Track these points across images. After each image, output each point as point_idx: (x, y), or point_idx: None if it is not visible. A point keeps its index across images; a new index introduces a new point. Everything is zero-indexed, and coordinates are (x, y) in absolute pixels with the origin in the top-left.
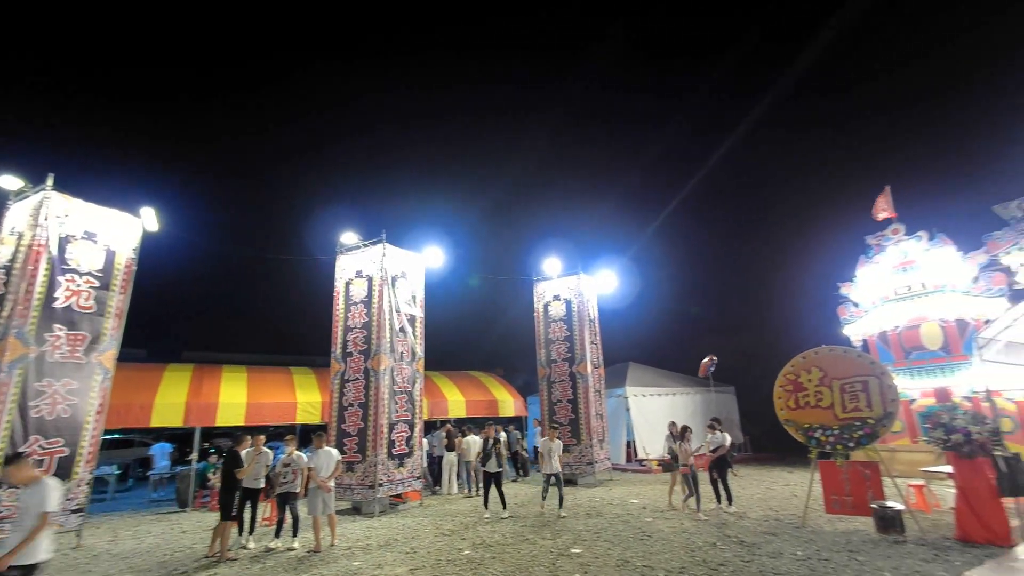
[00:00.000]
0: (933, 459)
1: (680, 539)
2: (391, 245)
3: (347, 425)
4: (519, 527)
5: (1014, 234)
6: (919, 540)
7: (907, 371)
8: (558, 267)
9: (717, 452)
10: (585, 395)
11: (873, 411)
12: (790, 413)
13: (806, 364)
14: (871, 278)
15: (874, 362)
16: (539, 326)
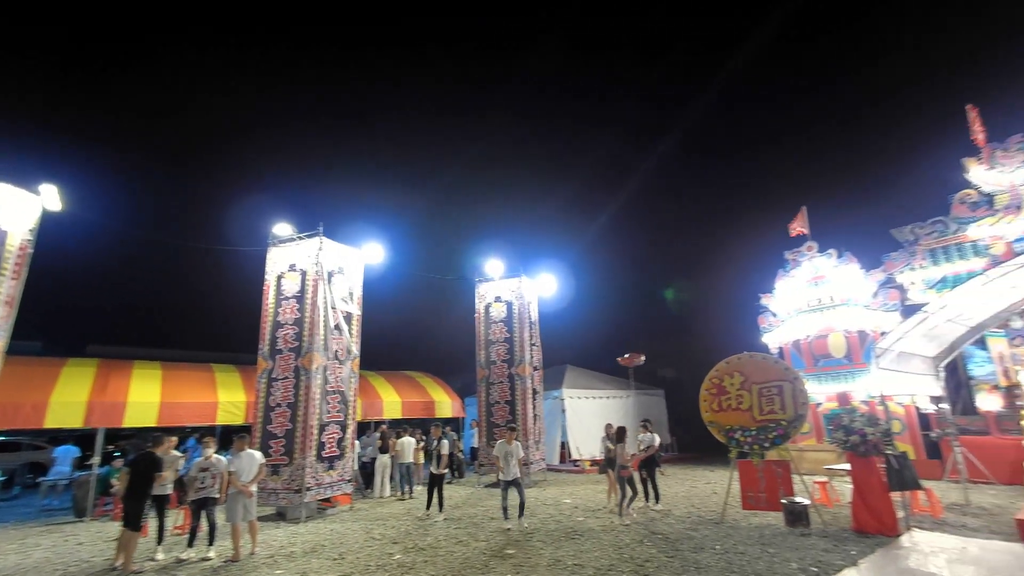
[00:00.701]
0: (835, 458)
1: (609, 537)
2: (328, 239)
3: (273, 426)
4: (453, 529)
5: (907, 256)
6: (822, 532)
7: (816, 377)
8: (500, 269)
9: (647, 452)
10: (523, 397)
11: (786, 413)
12: (714, 415)
13: (729, 369)
14: (788, 291)
15: (788, 368)
16: (480, 327)
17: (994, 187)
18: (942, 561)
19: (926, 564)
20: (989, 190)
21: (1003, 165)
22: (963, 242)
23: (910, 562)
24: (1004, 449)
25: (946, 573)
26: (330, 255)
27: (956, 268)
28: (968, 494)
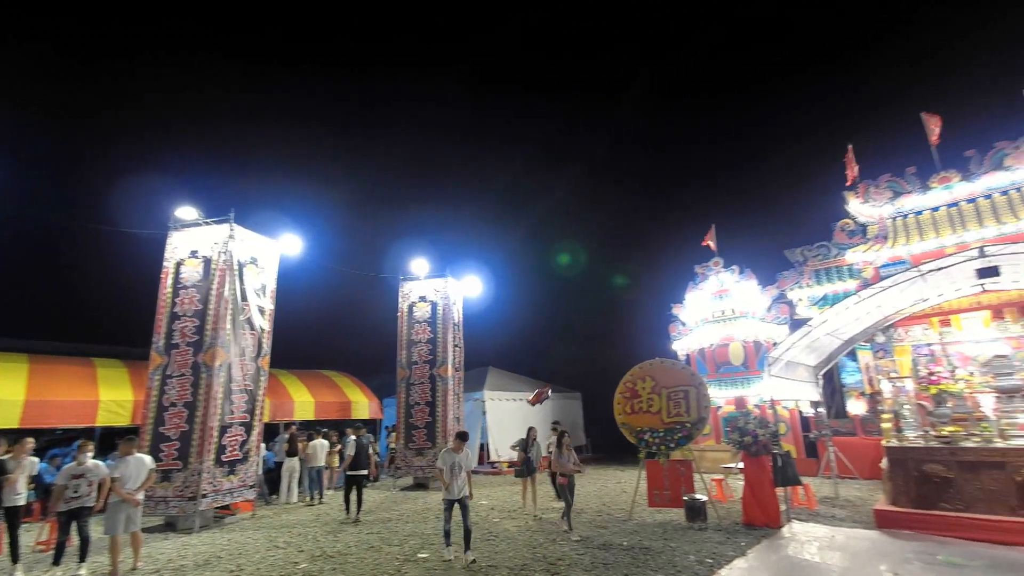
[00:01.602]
0: (730, 457)
1: (524, 537)
2: (241, 227)
3: (167, 428)
4: (364, 534)
5: (796, 275)
6: (717, 526)
7: (717, 382)
8: (426, 268)
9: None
10: (444, 398)
11: (691, 416)
12: (626, 417)
13: (642, 374)
14: (696, 302)
15: (694, 374)
16: (402, 327)
17: (867, 218)
18: (815, 549)
19: (802, 552)
20: (863, 221)
21: (875, 200)
22: (841, 265)
23: (789, 551)
24: (867, 448)
25: (818, 559)
26: (243, 244)
27: (835, 288)
28: (838, 488)
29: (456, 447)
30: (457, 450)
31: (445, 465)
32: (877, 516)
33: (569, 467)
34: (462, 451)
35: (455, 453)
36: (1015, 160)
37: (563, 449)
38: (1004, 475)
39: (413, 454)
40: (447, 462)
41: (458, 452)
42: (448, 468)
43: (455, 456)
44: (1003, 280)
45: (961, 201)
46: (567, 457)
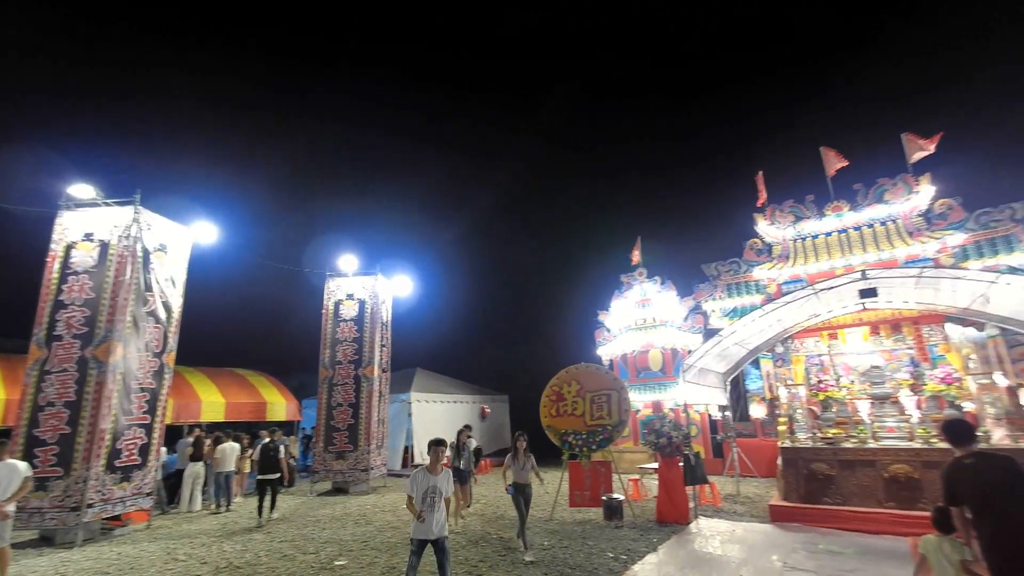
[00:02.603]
0: (647, 458)
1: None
2: (149, 211)
3: (42, 430)
4: (277, 543)
5: (711, 288)
6: (632, 524)
7: (637, 387)
8: (354, 265)
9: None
10: (369, 399)
11: (612, 419)
12: (552, 420)
13: (568, 378)
14: (621, 309)
15: (616, 379)
16: (327, 324)
17: (773, 239)
18: (717, 542)
19: (706, 545)
20: (770, 241)
21: (779, 223)
22: (749, 281)
23: (695, 545)
24: (765, 449)
25: (720, 552)
26: (149, 230)
27: (744, 301)
28: (739, 486)
29: (432, 465)
30: (434, 469)
31: (417, 490)
32: (771, 511)
33: (525, 476)
34: (439, 471)
35: (431, 474)
36: (893, 195)
37: (519, 455)
38: (875, 472)
39: (333, 457)
40: (419, 486)
41: (434, 472)
42: (420, 495)
43: (431, 479)
44: (880, 300)
45: (849, 228)
46: (523, 463)
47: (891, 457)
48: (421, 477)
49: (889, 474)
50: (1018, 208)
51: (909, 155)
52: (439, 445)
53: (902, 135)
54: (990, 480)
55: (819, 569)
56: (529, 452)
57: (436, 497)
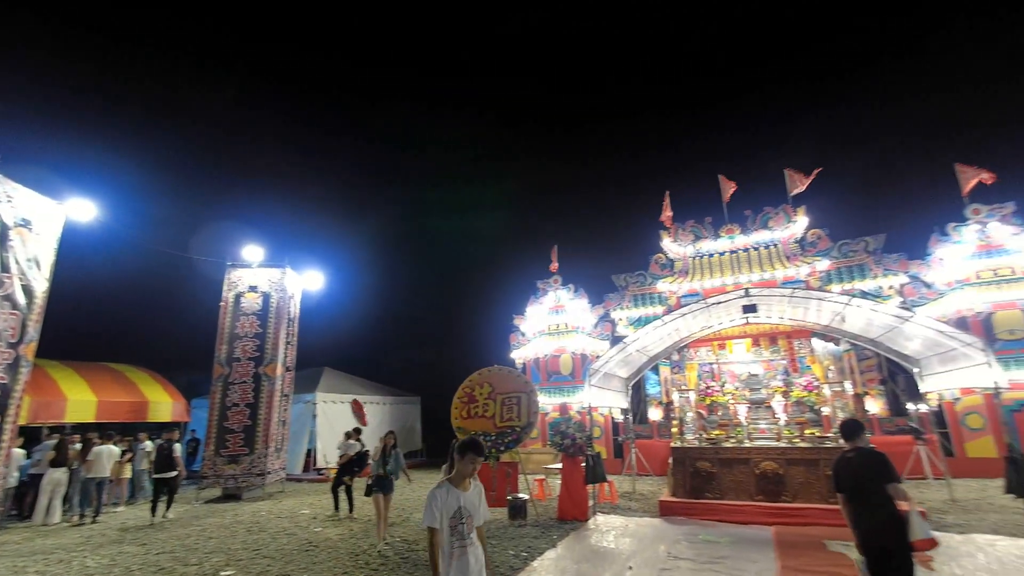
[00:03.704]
0: (553, 458)
1: (347, 545)
2: (10, 180)
3: None
4: (154, 555)
5: (620, 297)
6: (535, 522)
7: (547, 390)
8: (260, 256)
9: (341, 460)
10: (270, 400)
11: (521, 421)
12: (463, 422)
13: (480, 380)
14: (535, 314)
15: (527, 382)
16: (225, 318)
17: (675, 255)
18: (612, 536)
19: (602, 540)
20: (673, 256)
21: (681, 240)
22: (653, 292)
23: (592, 540)
24: (660, 449)
25: (613, 545)
26: (10, 202)
27: (648, 311)
28: (635, 484)
29: (460, 478)
30: (461, 483)
31: (441, 516)
32: (661, 506)
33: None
34: (470, 486)
35: (459, 490)
36: (775, 223)
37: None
38: (748, 469)
39: (225, 461)
40: (446, 507)
41: (463, 488)
42: (449, 524)
43: (459, 496)
44: (760, 315)
45: (739, 249)
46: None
47: (762, 455)
48: (444, 495)
49: (760, 471)
50: (871, 241)
51: (790, 188)
52: (474, 451)
53: (784, 170)
54: (860, 471)
55: (697, 557)
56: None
57: (466, 523)
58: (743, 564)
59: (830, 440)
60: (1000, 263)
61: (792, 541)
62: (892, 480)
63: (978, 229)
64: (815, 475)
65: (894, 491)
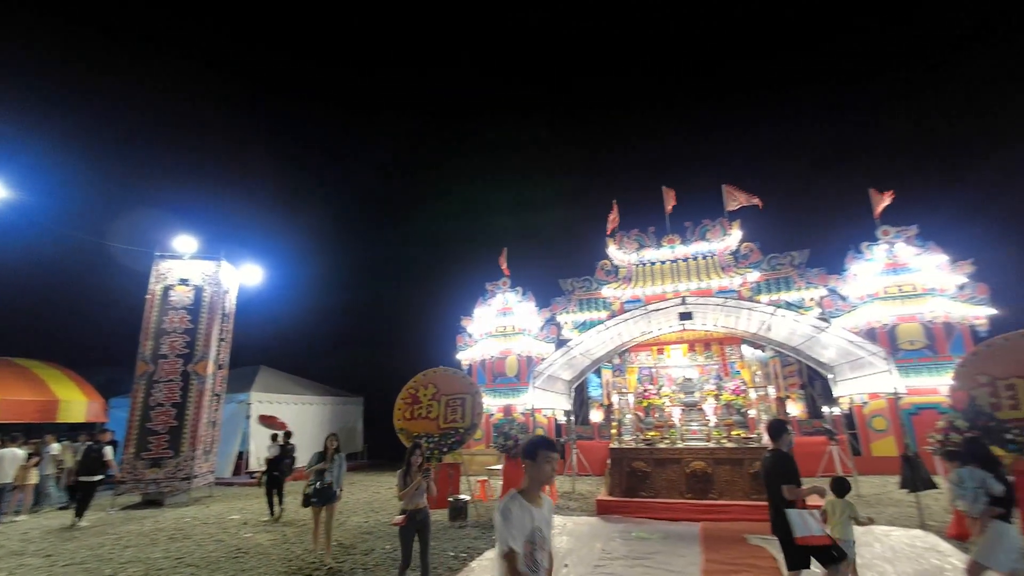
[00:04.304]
0: (496, 460)
1: (279, 551)
2: None
3: None
4: (60, 566)
5: (566, 302)
6: (475, 523)
7: (493, 392)
8: (193, 247)
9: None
10: (199, 399)
11: (465, 422)
12: (405, 423)
13: (425, 381)
14: (483, 316)
15: (472, 383)
16: (151, 312)
17: (620, 262)
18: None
19: None
20: (617, 263)
21: (626, 248)
22: (598, 297)
23: None
24: (600, 450)
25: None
26: None
27: (592, 316)
28: (575, 484)
29: (535, 488)
30: (533, 497)
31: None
32: (598, 505)
33: (421, 500)
34: (543, 501)
35: (531, 505)
36: (712, 235)
37: (413, 471)
38: (679, 468)
39: (146, 465)
40: (522, 528)
41: (537, 503)
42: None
43: (534, 513)
44: (696, 323)
45: (679, 259)
46: (422, 484)
47: (692, 455)
48: (519, 511)
49: (690, 470)
50: (796, 256)
51: (726, 203)
52: (547, 447)
53: (723, 185)
54: (767, 471)
55: (630, 553)
56: (424, 467)
57: (542, 551)
58: (672, 559)
59: (754, 441)
60: (904, 280)
61: (717, 536)
62: (785, 481)
63: (887, 248)
64: (739, 474)
65: (788, 492)
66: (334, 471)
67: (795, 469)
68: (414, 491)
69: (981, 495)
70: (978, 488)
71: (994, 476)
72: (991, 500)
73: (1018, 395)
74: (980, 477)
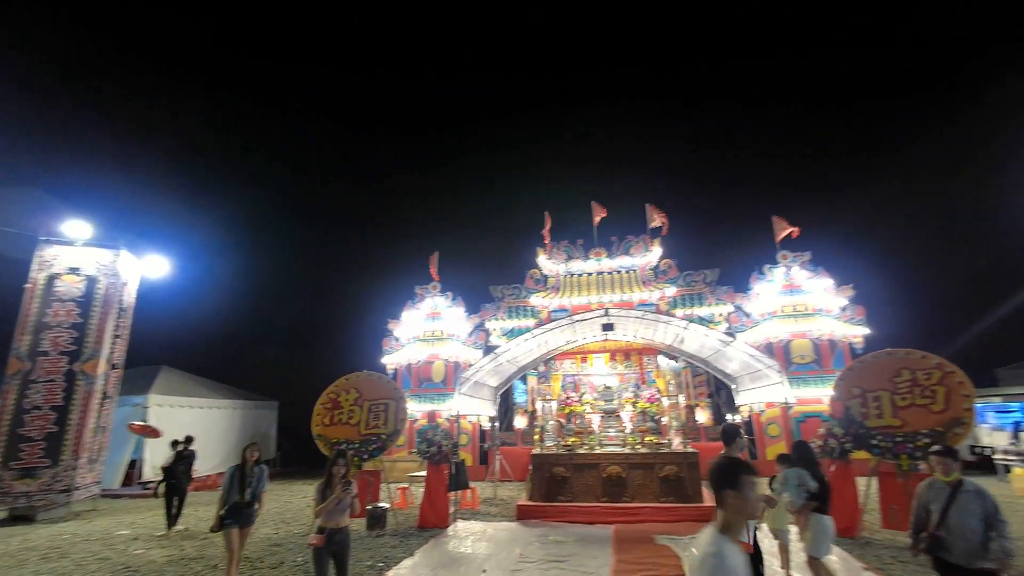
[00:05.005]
0: (418, 466)
1: (176, 568)
2: None
3: None
4: None
5: (495, 308)
6: (394, 532)
7: (418, 397)
8: (87, 232)
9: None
10: (86, 402)
11: (387, 428)
12: (324, 429)
13: (347, 385)
14: (411, 320)
15: (397, 388)
16: (31, 303)
17: (549, 272)
18: (470, 542)
19: (460, 546)
20: (547, 273)
21: (555, 259)
22: (527, 306)
23: (450, 546)
24: (523, 456)
25: (471, 550)
26: None
27: (520, 323)
28: (497, 490)
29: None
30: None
31: None
32: (518, 510)
33: (342, 518)
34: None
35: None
36: (636, 250)
37: (335, 484)
38: (596, 473)
39: (15, 476)
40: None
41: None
42: None
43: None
44: (617, 333)
45: (604, 272)
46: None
47: (609, 460)
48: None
49: (606, 474)
50: (708, 274)
51: (649, 221)
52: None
53: (646, 205)
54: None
55: (546, 557)
56: (345, 479)
57: None
58: (585, 560)
59: (665, 446)
60: (798, 300)
61: (628, 537)
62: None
63: (785, 271)
64: (651, 477)
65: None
66: (255, 486)
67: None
68: (333, 506)
69: (802, 491)
70: (799, 486)
71: (811, 475)
72: (809, 495)
73: (883, 405)
74: (800, 475)
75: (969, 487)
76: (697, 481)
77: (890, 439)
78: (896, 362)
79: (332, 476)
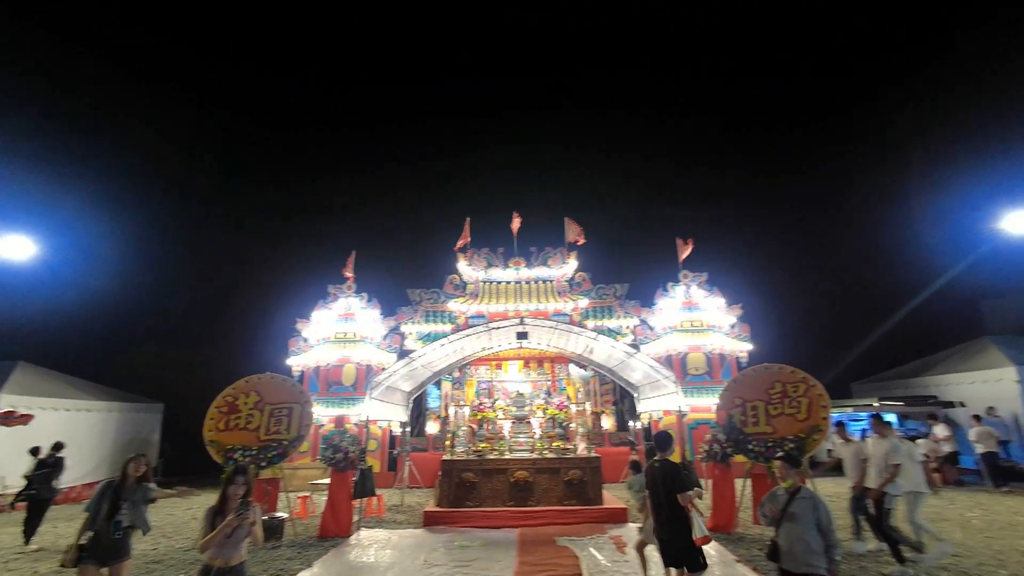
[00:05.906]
0: (322, 473)
1: None
2: None
3: None
4: None
5: (412, 312)
6: (291, 542)
7: (325, 401)
8: None
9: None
10: None
11: (290, 433)
12: (218, 434)
13: (247, 388)
14: (322, 320)
15: (302, 391)
16: None
17: (468, 278)
18: (373, 551)
19: (362, 556)
20: (466, 279)
21: (475, 266)
22: (445, 311)
23: (351, 556)
24: (434, 462)
25: (373, 559)
26: None
27: (437, 328)
28: (405, 497)
29: None
30: None
31: None
32: (425, 516)
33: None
34: None
35: None
36: (553, 262)
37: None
38: (505, 478)
39: None
40: None
41: None
42: None
43: None
44: (531, 342)
45: (522, 281)
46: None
47: (517, 466)
48: None
49: (514, 479)
50: (619, 288)
51: (567, 235)
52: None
53: (565, 218)
54: (659, 477)
55: (451, 562)
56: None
57: None
58: (489, 564)
59: (571, 451)
60: (695, 317)
61: (532, 540)
62: (681, 489)
63: (685, 289)
64: (556, 481)
65: (681, 498)
66: (132, 510)
67: (688, 476)
68: (221, 538)
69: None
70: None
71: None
72: None
73: (759, 414)
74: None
75: (805, 494)
76: (599, 484)
77: (763, 444)
78: (771, 375)
79: (227, 498)
